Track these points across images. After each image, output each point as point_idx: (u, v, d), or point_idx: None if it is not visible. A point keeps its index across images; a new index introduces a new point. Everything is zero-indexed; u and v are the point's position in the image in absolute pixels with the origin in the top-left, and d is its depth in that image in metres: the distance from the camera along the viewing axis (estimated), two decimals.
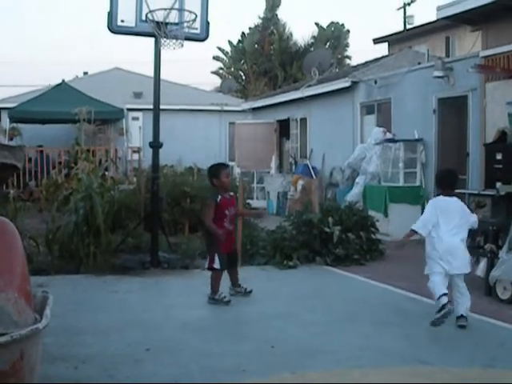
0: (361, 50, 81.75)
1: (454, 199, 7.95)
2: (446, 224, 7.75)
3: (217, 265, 8.80)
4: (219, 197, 8.95)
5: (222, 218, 8.92)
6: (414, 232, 7.94)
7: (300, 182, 19.78)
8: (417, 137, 16.19)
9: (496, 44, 13.92)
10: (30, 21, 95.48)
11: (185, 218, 14.71)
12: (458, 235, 7.76)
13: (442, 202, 7.96)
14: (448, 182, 8.09)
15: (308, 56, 26.58)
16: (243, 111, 29.01)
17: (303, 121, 23.04)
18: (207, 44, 17.69)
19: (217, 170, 9.20)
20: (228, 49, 49.63)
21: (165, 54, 11.33)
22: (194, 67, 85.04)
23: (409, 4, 37.47)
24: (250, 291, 9.25)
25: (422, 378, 5.87)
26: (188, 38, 11.10)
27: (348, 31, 48.99)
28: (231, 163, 27.22)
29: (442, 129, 15.73)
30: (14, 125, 25.83)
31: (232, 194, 9.39)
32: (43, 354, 4.67)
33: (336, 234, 12.02)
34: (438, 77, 15.17)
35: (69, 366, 5.97)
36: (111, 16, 11.14)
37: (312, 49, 43.72)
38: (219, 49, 49.36)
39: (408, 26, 35.28)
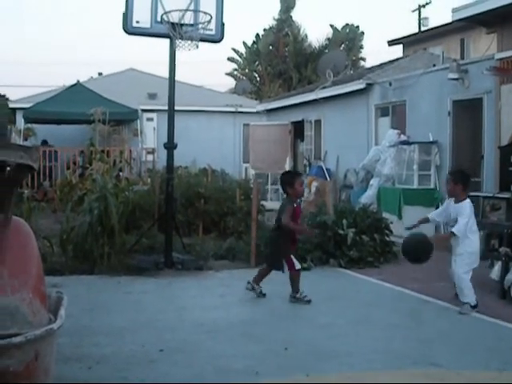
0: (375, 51, 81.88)
1: None
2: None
3: (297, 265, 9.08)
4: (294, 204, 9.11)
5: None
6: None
7: (314, 184, 19.77)
8: (431, 139, 16.16)
9: (511, 46, 13.87)
10: (46, 22, 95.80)
11: (199, 218, 14.74)
12: None
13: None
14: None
15: (322, 58, 26.61)
16: (257, 113, 29.02)
17: (317, 123, 23.01)
18: (222, 45, 17.77)
19: (292, 178, 9.33)
20: (243, 50, 49.70)
21: (180, 55, 11.36)
22: (208, 68, 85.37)
23: (424, 6, 37.46)
24: (264, 294, 9.29)
25: (434, 380, 5.86)
26: (203, 40, 11.12)
27: (363, 33, 48.97)
28: (245, 165, 27.31)
29: (457, 131, 15.69)
30: (29, 125, 25.94)
31: (299, 200, 9.55)
32: (57, 355, 4.68)
33: (350, 236, 12.01)
34: (453, 79, 15.14)
35: (83, 366, 5.99)
36: (126, 17, 11.17)
37: (326, 50, 43.71)
38: (234, 50, 49.45)
39: (423, 28, 35.25)
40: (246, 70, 50.10)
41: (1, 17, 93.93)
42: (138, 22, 11.23)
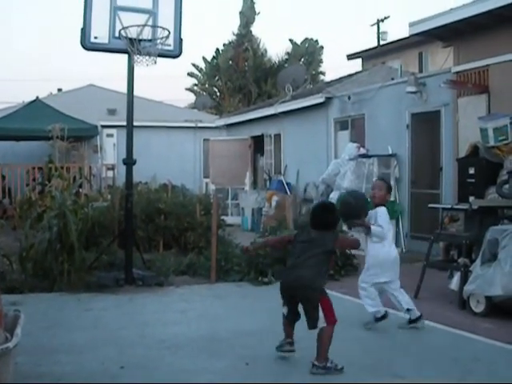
0: (335, 65, 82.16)
1: None
2: None
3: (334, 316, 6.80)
4: None
5: None
6: None
7: (274, 198, 19.80)
8: (390, 152, 16.26)
9: (467, 60, 14.04)
10: (3, 37, 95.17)
11: (159, 234, 14.69)
12: None
13: None
14: None
15: (282, 72, 26.67)
16: (217, 128, 29.06)
17: (277, 137, 23.08)
18: (181, 60, 17.76)
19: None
20: (202, 65, 49.70)
21: (139, 70, 11.34)
22: (168, 84, 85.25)
23: (382, 20, 37.78)
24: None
25: None
26: (161, 55, 11.11)
27: (322, 47, 49.23)
28: (206, 180, 27.30)
29: (416, 144, 15.82)
30: None
31: None
32: (16, 373, 4.64)
33: None
34: (411, 92, 15.27)
35: (44, 383, 5.93)
36: (85, 32, 11.12)
37: (286, 65, 43.85)
38: (193, 65, 49.43)
39: (381, 42, 35.53)
40: (206, 85, 50.11)
41: None
42: (96, 37, 11.19)
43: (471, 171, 12.65)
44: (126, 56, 11.26)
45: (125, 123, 11.85)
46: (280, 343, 6.90)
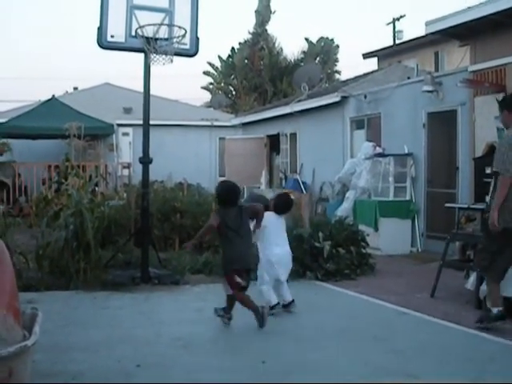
0: (350, 64, 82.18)
1: None
2: None
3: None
4: None
5: None
6: None
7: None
8: (406, 151, 16.23)
9: (484, 59, 13.98)
10: (20, 36, 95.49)
11: (175, 233, 14.68)
12: None
13: None
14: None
15: (298, 71, 26.62)
16: (233, 126, 29.06)
17: (293, 136, 23.08)
18: (197, 59, 17.78)
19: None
20: (218, 64, 49.76)
21: (155, 69, 11.35)
22: (184, 82, 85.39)
23: (398, 19, 37.66)
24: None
25: None
26: (177, 54, 11.10)
27: (337, 46, 49.17)
28: (221, 178, 27.29)
29: (432, 143, 15.78)
30: (4, 140, 25.79)
31: None
32: (33, 371, 4.65)
33: (326, 249, 12.02)
34: (428, 91, 15.23)
35: (59, 382, 5.94)
36: (101, 31, 11.15)
37: (302, 64, 43.78)
38: (209, 64, 49.50)
39: (397, 41, 35.42)
40: (222, 84, 50.15)
41: None
42: (112, 36, 11.21)
43: (488, 171, 12.58)
44: (142, 55, 11.27)
45: (140, 122, 11.87)
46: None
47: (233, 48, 49.03)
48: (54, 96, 26.61)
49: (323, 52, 48.46)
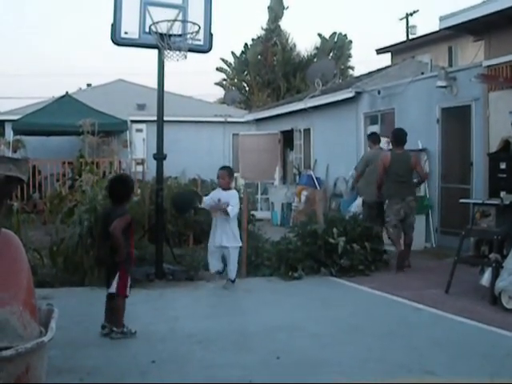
0: (364, 60, 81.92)
1: None
2: None
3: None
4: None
5: None
6: None
7: (304, 193, 19.74)
8: (420, 147, 16.17)
9: (498, 54, 13.91)
10: (34, 33, 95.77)
11: (189, 229, 14.70)
12: None
13: None
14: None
15: (311, 67, 26.63)
16: (247, 122, 29.07)
17: (307, 131, 23.06)
18: (211, 55, 17.76)
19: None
20: (231, 60, 49.74)
21: (168, 65, 11.34)
22: (197, 79, 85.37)
23: (411, 14, 37.58)
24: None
25: None
26: (191, 50, 11.09)
27: (351, 41, 49.02)
28: (235, 174, 27.30)
29: (446, 138, 15.72)
30: (18, 137, 25.88)
31: None
32: (49, 367, 4.65)
33: (341, 245, 12.00)
34: (441, 87, 15.17)
35: (74, 378, 5.97)
36: (115, 28, 11.15)
37: (315, 59, 43.77)
38: (222, 60, 49.47)
39: (411, 36, 35.31)
40: (235, 80, 50.10)
41: None
42: (126, 32, 11.21)
43: (502, 166, 12.56)
44: (156, 51, 11.28)
45: (154, 118, 11.88)
46: None
47: (246, 44, 48.99)
48: (67, 93, 26.70)
49: (336, 47, 48.35)
